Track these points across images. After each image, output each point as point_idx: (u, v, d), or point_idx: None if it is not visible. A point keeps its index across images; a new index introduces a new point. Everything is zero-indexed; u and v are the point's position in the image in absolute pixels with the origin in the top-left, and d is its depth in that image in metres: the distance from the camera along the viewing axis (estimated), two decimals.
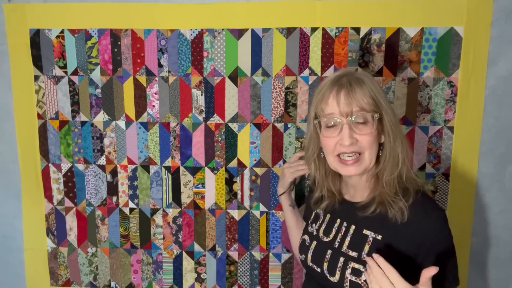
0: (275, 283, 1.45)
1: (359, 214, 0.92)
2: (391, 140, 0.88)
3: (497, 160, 1.32)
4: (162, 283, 1.48)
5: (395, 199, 0.87)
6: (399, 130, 0.89)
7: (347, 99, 0.85)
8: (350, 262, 0.89)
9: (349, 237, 0.93)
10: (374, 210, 0.89)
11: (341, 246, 0.93)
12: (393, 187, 0.88)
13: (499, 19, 1.23)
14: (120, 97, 1.38)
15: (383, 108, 0.87)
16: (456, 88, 1.28)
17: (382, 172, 0.90)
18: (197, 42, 1.33)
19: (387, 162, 0.89)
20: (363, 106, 0.85)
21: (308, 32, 1.30)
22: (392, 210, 0.86)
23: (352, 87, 0.86)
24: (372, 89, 0.86)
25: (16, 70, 1.39)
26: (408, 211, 0.85)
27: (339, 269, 0.90)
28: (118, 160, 1.42)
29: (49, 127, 1.41)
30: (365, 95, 0.85)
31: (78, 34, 1.35)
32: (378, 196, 0.90)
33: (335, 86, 0.88)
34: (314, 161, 0.99)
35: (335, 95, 0.87)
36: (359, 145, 0.86)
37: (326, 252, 0.95)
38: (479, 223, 1.35)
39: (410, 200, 0.86)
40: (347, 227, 0.95)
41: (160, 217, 1.44)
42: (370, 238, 0.89)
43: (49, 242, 1.48)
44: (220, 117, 1.37)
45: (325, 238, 0.98)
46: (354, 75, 0.89)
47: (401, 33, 1.27)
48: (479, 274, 1.38)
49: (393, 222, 0.87)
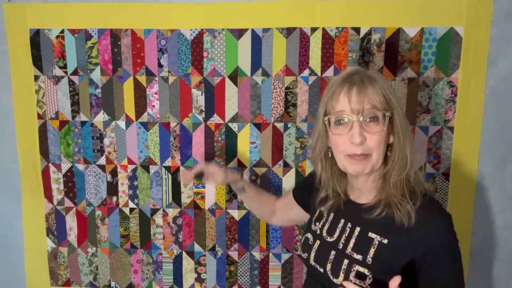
0: (275, 283, 1.45)
1: (364, 216, 0.90)
2: (400, 140, 0.86)
3: (497, 160, 1.32)
4: (162, 283, 1.48)
5: (402, 201, 0.85)
6: (408, 130, 0.87)
7: (358, 97, 0.83)
8: (354, 265, 0.87)
9: (353, 239, 0.91)
10: (381, 212, 0.87)
11: (346, 248, 0.91)
12: (400, 189, 0.87)
13: (499, 19, 1.23)
14: (120, 97, 1.38)
15: (394, 107, 0.85)
16: (456, 88, 1.28)
17: (389, 173, 0.88)
18: (197, 42, 1.33)
19: (395, 162, 0.87)
20: (375, 104, 0.83)
21: (308, 32, 1.30)
22: (399, 213, 0.85)
23: (364, 84, 0.84)
24: (383, 88, 0.85)
25: (16, 70, 1.39)
26: (416, 215, 0.83)
27: (343, 271, 0.88)
28: (118, 160, 1.42)
29: (49, 127, 1.41)
30: (377, 93, 0.84)
31: (78, 34, 1.35)
32: (385, 198, 0.88)
33: (346, 83, 0.86)
34: (321, 160, 0.97)
35: (346, 92, 0.85)
36: (368, 145, 0.84)
37: (330, 253, 0.93)
38: (479, 223, 1.35)
39: (418, 204, 0.85)
40: (352, 229, 0.93)
41: (160, 217, 1.44)
42: (375, 241, 0.87)
43: (49, 242, 1.49)
44: (220, 117, 1.37)
45: (329, 238, 0.96)
46: (366, 73, 0.87)
47: (401, 33, 1.27)
48: (479, 274, 1.38)
49: (400, 226, 0.85)
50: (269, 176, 1.39)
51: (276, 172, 1.39)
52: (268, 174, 1.39)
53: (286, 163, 1.38)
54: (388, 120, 0.85)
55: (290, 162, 1.38)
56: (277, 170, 1.39)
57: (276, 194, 1.39)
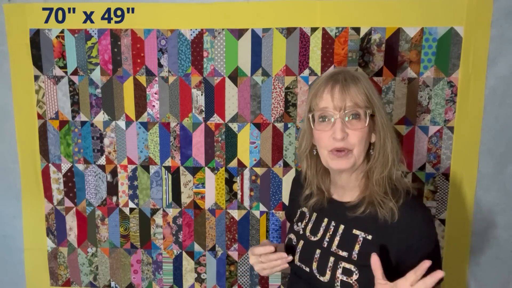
0: (275, 283, 1.45)
1: (348, 214, 0.93)
2: (381, 138, 0.90)
3: (497, 160, 1.32)
4: (162, 283, 1.48)
5: (384, 199, 0.89)
6: (390, 129, 0.91)
7: (341, 94, 0.87)
8: (341, 262, 0.89)
9: (338, 236, 0.93)
10: (364, 210, 0.90)
11: (331, 246, 0.93)
12: (382, 187, 0.90)
13: (499, 19, 1.23)
14: (120, 97, 1.38)
15: (376, 106, 0.89)
16: (456, 88, 1.28)
17: (372, 171, 0.92)
18: (197, 42, 1.33)
19: (377, 160, 0.90)
20: (357, 102, 0.87)
21: (308, 32, 1.30)
22: (382, 210, 0.88)
23: (347, 83, 0.88)
24: (366, 87, 0.88)
25: (16, 70, 1.39)
26: (399, 212, 0.87)
27: (330, 268, 0.90)
28: (118, 160, 1.42)
29: (49, 127, 1.41)
30: (359, 92, 0.87)
31: (78, 34, 1.35)
32: (368, 195, 0.91)
33: (330, 81, 0.90)
34: (306, 157, 1.00)
35: (330, 89, 0.89)
36: (349, 141, 0.88)
37: (315, 252, 0.95)
38: (479, 223, 1.35)
39: (401, 201, 0.88)
40: (336, 227, 0.95)
41: (160, 217, 1.44)
42: (360, 238, 0.90)
43: (49, 242, 1.49)
44: (220, 117, 1.37)
45: (313, 237, 0.98)
46: (349, 73, 0.91)
47: (401, 33, 1.27)
48: (479, 274, 1.38)
49: (383, 222, 0.88)
50: (269, 176, 1.39)
51: (276, 172, 1.39)
52: (268, 174, 1.39)
53: (286, 163, 1.38)
54: (370, 119, 0.88)
55: (290, 162, 1.38)
56: (277, 170, 1.39)
57: (276, 197, 1.39)
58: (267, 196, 1.40)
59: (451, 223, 1.35)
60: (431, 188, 1.34)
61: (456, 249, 1.35)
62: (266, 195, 1.40)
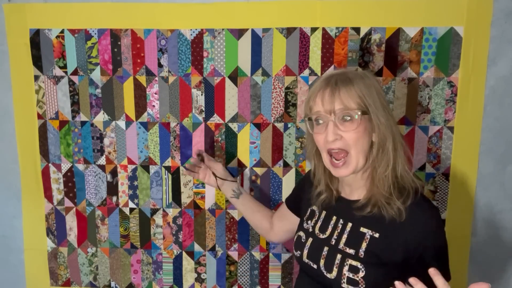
0: (275, 283, 1.45)
1: (355, 212, 0.95)
2: (380, 138, 0.90)
3: (497, 160, 1.32)
4: (162, 283, 1.48)
5: (390, 200, 0.89)
6: (390, 129, 0.91)
7: (330, 98, 0.89)
8: (347, 259, 0.91)
9: (346, 234, 0.95)
10: (371, 210, 0.92)
11: (338, 243, 0.95)
12: (386, 186, 0.91)
13: (499, 19, 1.23)
14: (120, 97, 1.38)
15: (371, 107, 0.89)
16: (456, 88, 1.28)
17: (376, 170, 0.93)
18: (197, 42, 1.33)
19: (378, 159, 0.91)
20: (346, 104, 0.88)
21: (308, 32, 1.30)
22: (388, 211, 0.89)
23: (338, 86, 0.89)
24: (360, 88, 0.89)
25: (16, 70, 1.38)
26: (407, 211, 0.88)
27: (336, 266, 0.92)
28: (118, 160, 1.42)
29: (49, 127, 1.41)
30: (349, 94, 0.88)
31: (78, 34, 1.35)
32: (374, 196, 0.92)
33: (322, 85, 0.92)
34: (313, 157, 1.04)
35: (321, 93, 0.91)
36: (344, 142, 0.90)
37: (323, 249, 0.97)
38: (479, 223, 1.35)
39: (409, 201, 0.89)
40: (344, 225, 0.97)
41: (160, 217, 1.44)
42: (367, 236, 0.91)
43: (49, 242, 1.48)
44: (220, 117, 1.37)
45: (321, 235, 1.00)
46: (344, 75, 0.92)
47: (401, 33, 1.27)
48: (479, 274, 1.38)
49: (391, 220, 0.89)
50: (269, 176, 1.39)
51: (276, 172, 1.39)
52: (268, 174, 1.39)
53: (286, 163, 1.38)
54: (366, 119, 0.89)
55: (290, 162, 1.38)
56: (277, 170, 1.39)
57: (276, 197, 1.39)
58: (267, 196, 1.40)
59: (451, 223, 1.35)
60: (431, 188, 1.35)
61: (456, 249, 1.35)
62: (266, 195, 1.40)
